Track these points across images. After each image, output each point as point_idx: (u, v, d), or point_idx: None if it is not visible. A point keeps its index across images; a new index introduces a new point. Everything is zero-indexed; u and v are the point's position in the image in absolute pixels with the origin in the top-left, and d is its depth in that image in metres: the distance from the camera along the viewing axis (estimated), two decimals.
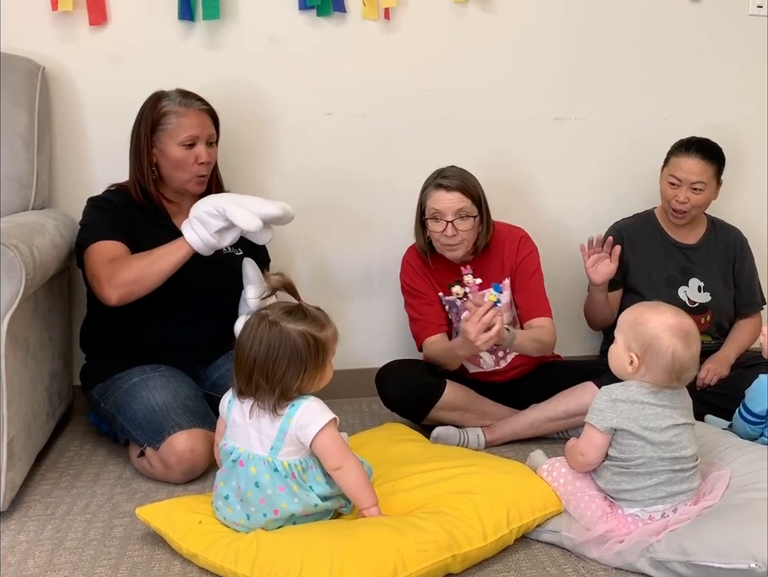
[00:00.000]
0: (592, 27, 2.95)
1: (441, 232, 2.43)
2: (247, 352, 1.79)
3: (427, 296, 2.57)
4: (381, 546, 1.68)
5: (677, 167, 2.68)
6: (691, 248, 2.81)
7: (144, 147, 2.35)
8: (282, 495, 1.81)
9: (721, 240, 2.84)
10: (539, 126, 2.97)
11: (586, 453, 1.88)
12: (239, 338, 1.83)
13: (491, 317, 2.22)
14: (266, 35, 2.74)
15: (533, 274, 2.57)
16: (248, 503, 1.82)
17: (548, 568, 1.82)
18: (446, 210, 2.42)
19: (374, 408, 2.77)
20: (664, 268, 2.77)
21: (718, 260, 2.82)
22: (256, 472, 1.81)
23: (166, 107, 2.34)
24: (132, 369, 2.34)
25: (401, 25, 2.81)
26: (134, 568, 1.81)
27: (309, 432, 1.78)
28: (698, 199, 2.69)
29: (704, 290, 2.76)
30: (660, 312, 1.87)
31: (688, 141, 2.72)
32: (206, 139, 2.37)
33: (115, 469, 2.33)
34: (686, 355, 1.83)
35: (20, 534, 1.95)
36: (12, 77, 2.45)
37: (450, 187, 2.42)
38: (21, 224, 2.14)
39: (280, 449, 1.81)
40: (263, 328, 1.78)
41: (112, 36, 2.64)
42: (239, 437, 1.85)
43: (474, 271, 2.54)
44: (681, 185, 2.67)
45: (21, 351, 2.09)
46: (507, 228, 2.60)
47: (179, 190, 2.41)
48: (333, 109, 2.82)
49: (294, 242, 2.85)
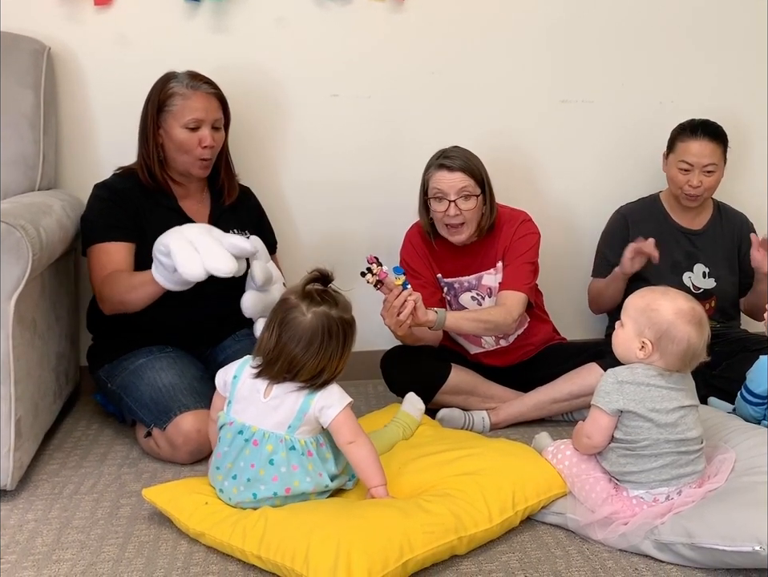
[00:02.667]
0: (599, 9, 2.92)
1: (443, 212, 2.42)
2: (285, 341, 1.81)
3: (423, 278, 2.55)
4: (387, 528, 1.69)
5: (686, 152, 2.66)
6: (696, 234, 2.80)
7: (151, 127, 2.35)
8: (296, 474, 1.83)
9: (727, 224, 2.83)
10: (545, 108, 2.95)
11: (592, 436, 1.88)
12: (270, 323, 1.85)
13: (401, 301, 2.24)
14: (272, 16, 2.72)
15: (523, 253, 2.52)
16: (258, 482, 1.83)
17: (553, 550, 1.83)
18: (449, 189, 2.41)
19: (380, 390, 2.78)
20: (669, 254, 2.75)
21: (724, 245, 2.81)
22: (273, 450, 1.83)
23: (173, 89, 2.33)
24: (139, 349, 2.35)
25: (407, 6, 2.79)
26: (141, 547, 1.82)
27: (330, 413, 1.83)
28: (711, 181, 2.68)
29: (708, 276, 2.75)
30: (673, 299, 1.87)
31: (691, 124, 2.70)
32: (211, 122, 2.35)
33: (121, 449, 2.34)
34: (700, 342, 1.84)
35: (28, 513, 1.97)
36: (18, 57, 2.45)
37: (452, 167, 2.41)
38: (27, 205, 2.15)
39: (297, 427, 1.83)
40: (299, 315, 1.81)
41: (118, 17, 2.63)
42: (249, 415, 1.86)
43: (471, 253, 2.53)
44: (692, 169, 2.66)
45: (28, 331, 2.09)
46: (509, 212, 2.58)
47: (183, 173, 2.41)
48: (339, 90, 2.81)
49: (300, 223, 2.86)
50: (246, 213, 2.54)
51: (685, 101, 2.99)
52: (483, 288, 2.56)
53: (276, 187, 2.82)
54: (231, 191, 2.49)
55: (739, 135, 2.85)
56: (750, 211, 2.90)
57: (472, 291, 2.55)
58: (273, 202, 2.76)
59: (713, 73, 3.03)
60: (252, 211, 2.57)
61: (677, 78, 3.01)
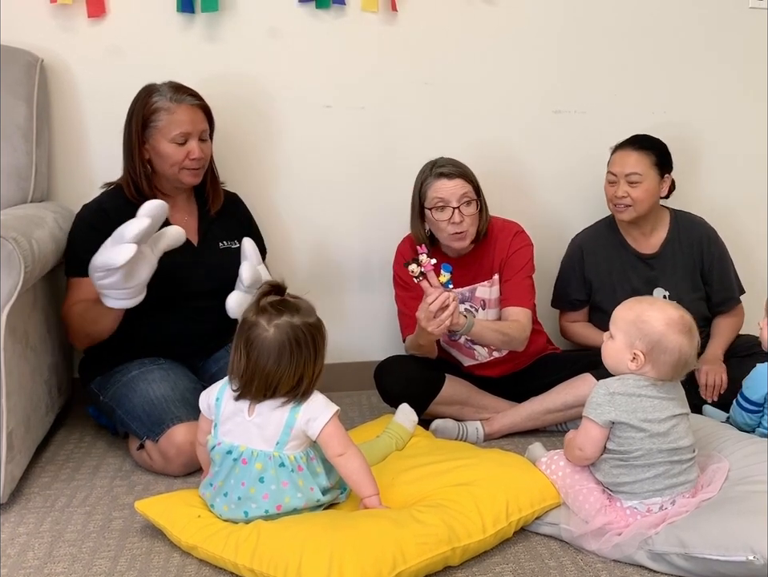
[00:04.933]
0: (592, 20, 2.94)
1: (448, 221, 2.42)
2: (255, 359, 1.79)
3: (417, 290, 2.54)
4: (380, 539, 1.68)
5: (612, 163, 2.67)
6: (653, 257, 2.74)
7: (136, 143, 2.33)
8: (286, 490, 1.82)
9: (685, 239, 2.75)
10: (538, 119, 2.96)
11: (584, 448, 1.88)
12: (237, 345, 1.83)
13: (442, 301, 2.22)
14: (265, 27, 2.73)
15: (522, 267, 2.53)
16: (248, 500, 1.83)
17: (547, 560, 1.82)
18: (451, 196, 2.41)
19: (373, 401, 2.77)
20: (627, 282, 2.72)
21: (684, 264, 2.73)
22: (262, 468, 1.81)
23: (156, 103, 2.31)
24: (131, 361, 2.34)
25: (400, 18, 2.81)
26: (133, 560, 1.81)
27: (317, 424, 1.81)
28: (638, 193, 2.62)
29: (669, 299, 2.63)
30: (662, 309, 1.88)
31: (625, 139, 2.70)
32: (198, 134, 2.34)
33: (114, 461, 2.33)
34: (691, 350, 1.85)
35: (20, 526, 1.95)
36: (11, 69, 2.45)
37: (451, 175, 2.42)
38: (20, 217, 2.14)
39: (286, 443, 1.82)
40: (262, 332, 1.79)
41: (111, 28, 2.64)
42: (236, 435, 1.85)
43: (464, 265, 2.52)
44: (617, 180, 2.64)
45: (20, 344, 2.09)
46: (501, 223, 2.59)
47: (174, 184, 2.40)
48: (333, 101, 2.82)
49: (294, 237, 2.85)
50: (235, 221, 2.53)
51: (677, 111, 3.01)
52: (476, 300, 2.55)
53: (270, 198, 2.82)
54: (215, 199, 2.48)
55: (734, 141, 2.86)
56: (743, 217, 2.89)
57: (465, 303, 2.55)
58: (266, 211, 2.76)
59: (707, 84, 3.04)
60: (240, 218, 2.57)
61: (669, 89, 3.02)
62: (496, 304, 2.56)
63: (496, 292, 2.56)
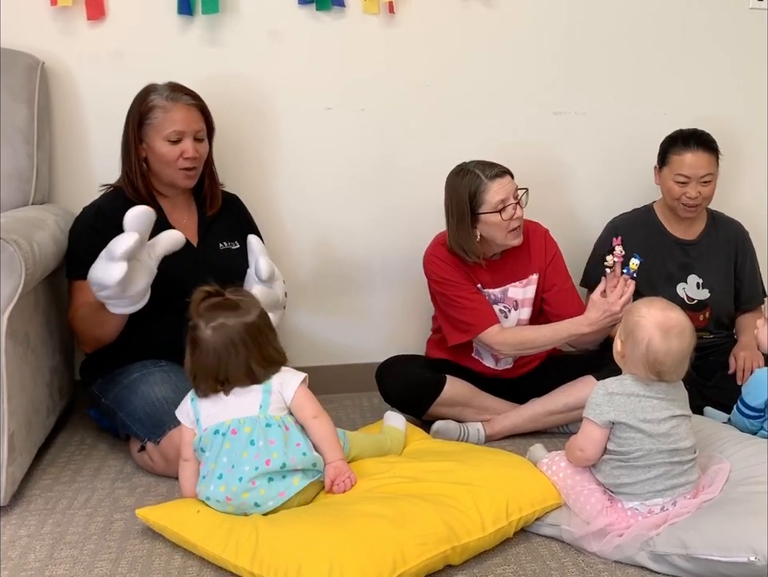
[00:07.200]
0: (592, 21, 2.94)
1: (511, 218, 2.42)
2: (197, 359, 1.93)
3: (470, 286, 2.50)
4: (379, 541, 1.68)
5: (682, 165, 2.65)
6: (690, 244, 2.78)
7: (133, 141, 2.34)
8: (273, 447, 1.89)
9: (722, 234, 2.81)
10: (539, 120, 2.96)
11: (585, 449, 1.88)
12: (190, 353, 1.95)
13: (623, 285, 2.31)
14: (266, 29, 2.73)
15: (566, 275, 2.59)
16: (241, 465, 1.87)
17: (548, 561, 1.82)
18: (508, 194, 2.42)
19: (375, 403, 2.77)
20: (663, 265, 2.75)
21: (718, 256, 2.79)
22: (251, 431, 1.89)
23: (153, 102, 2.32)
24: (133, 364, 2.34)
25: (401, 19, 2.81)
26: (134, 562, 1.81)
27: (290, 387, 1.95)
28: (708, 191, 2.67)
29: (702, 286, 2.74)
30: (651, 304, 1.89)
31: (682, 135, 2.69)
32: (193, 134, 2.34)
33: (115, 464, 2.33)
34: (661, 348, 1.82)
35: (21, 528, 1.96)
36: (12, 72, 2.45)
37: (504, 172, 2.44)
38: (21, 219, 2.15)
39: (269, 405, 1.93)
40: (201, 334, 1.92)
41: (111, 31, 2.64)
42: (220, 414, 1.92)
43: (497, 267, 2.52)
44: (689, 181, 2.64)
45: (21, 346, 2.09)
46: (526, 222, 2.55)
47: (169, 184, 2.40)
48: (333, 103, 2.82)
49: (294, 239, 2.85)
50: (235, 222, 2.53)
51: (678, 112, 3.00)
52: (509, 300, 2.54)
53: (270, 199, 2.82)
54: (214, 200, 2.48)
55: (734, 144, 2.86)
56: (745, 220, 2.90)
57: (499, 304, 2.53)
58: (267, 213, 2.75)
59: (707, 84, 3.04)
60: (240, 219, 2.56)
61: (669, 89, 3.02)
62: (529, 304, 2.55)
63: (531, 292, 2.55)
